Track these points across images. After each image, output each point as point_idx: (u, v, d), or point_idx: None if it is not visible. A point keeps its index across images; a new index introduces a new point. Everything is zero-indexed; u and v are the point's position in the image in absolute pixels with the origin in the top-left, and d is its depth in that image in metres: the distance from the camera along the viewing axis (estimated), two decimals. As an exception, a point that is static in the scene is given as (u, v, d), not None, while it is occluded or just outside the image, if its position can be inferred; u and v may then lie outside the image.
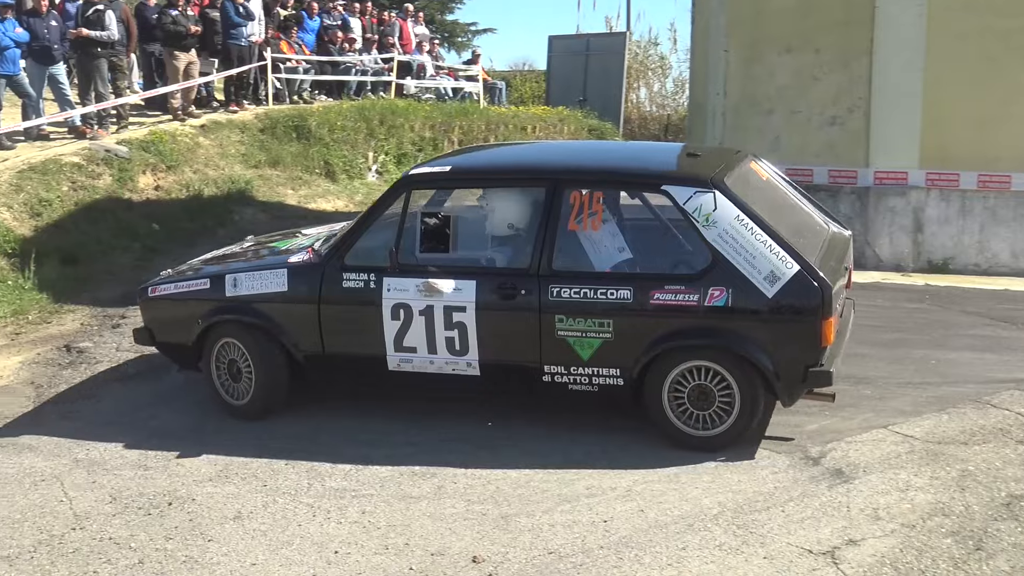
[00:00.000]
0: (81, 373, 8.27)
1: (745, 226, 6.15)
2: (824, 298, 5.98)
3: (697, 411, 6.30)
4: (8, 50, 13.39)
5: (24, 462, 6.56)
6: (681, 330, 6.21)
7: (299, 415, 7.10)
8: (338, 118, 17.45)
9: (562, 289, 6.35)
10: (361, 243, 6.90)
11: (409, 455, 6.38)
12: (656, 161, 7.48)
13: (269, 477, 6.17)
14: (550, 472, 6.07)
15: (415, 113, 19.06)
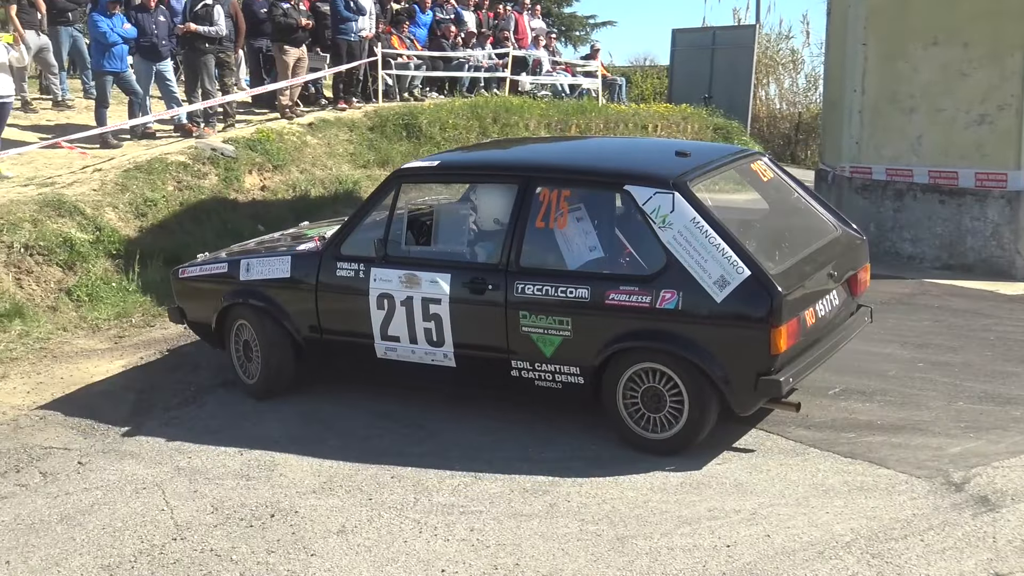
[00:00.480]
0: (184, 378, 8.46)
1: (700, 229, 6.33)
2: (774, 305, 6.10)
3: (650, 413, 6.54)
4: (116, 46, 13.80)
5: (125, 469, 6.74)
6: (634, 331, 6.46)
7: (408, 427, 7.16)
8: (450, 116, 17.56)
9: (526, 286, 6.71)
10: (355, 234, 7.48)
11: (521, 471, 6.39)
12: (632, 160, 7.67)
13: (374, 490, 6.22)
14: (669, 493, 6.02)
15: (530, 111, 19.09)
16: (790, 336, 6.24)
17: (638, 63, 36.87)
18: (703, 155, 7.31)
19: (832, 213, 7.52)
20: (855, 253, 7.31)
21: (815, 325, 6.63)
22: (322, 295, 7.52)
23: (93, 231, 11.04)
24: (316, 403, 7.71)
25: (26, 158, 13.06)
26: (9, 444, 7.26)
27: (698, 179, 6.73)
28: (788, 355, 6.31)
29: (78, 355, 9.11)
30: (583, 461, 6.49)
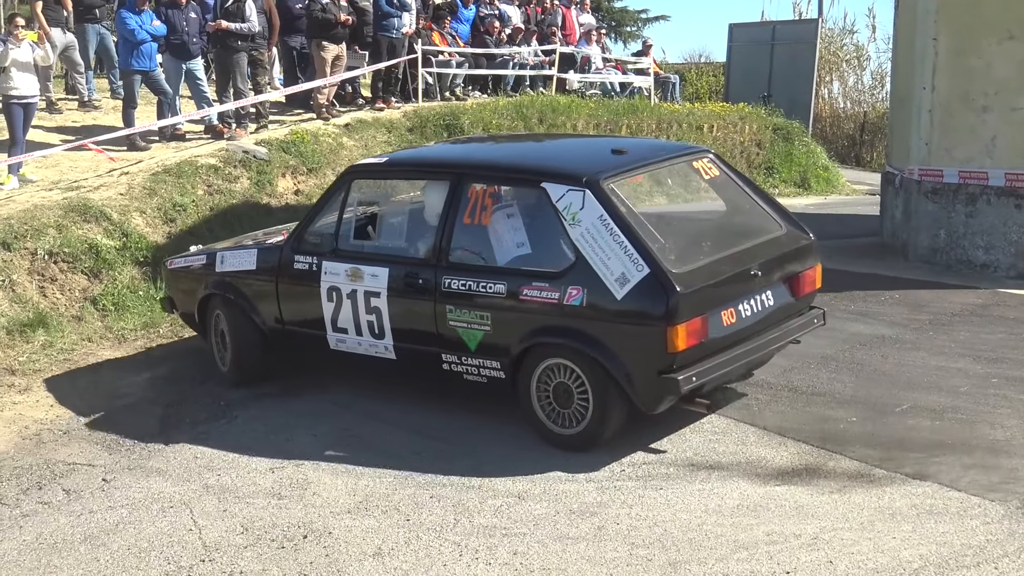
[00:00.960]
0: (213, 391, 8.53)
1: (606, 226, 6.71)
2: (670, 303, 6.42)
3: (560, 409, 6.96)
4: (144, 44, 13.90)
5: (152, 487, 6.78)
6: (545, 327, 6.89)
7: (448, 444, 7.16)
8: (493, 116, 17.57)
9: (452, 280, 7.21)
10: (310, 229, 8.13)
11: (568, 491, 6.37)
12: (558, 158, 8.14)
13: (412, 511, 6.23)
14: (725, 515, 5.97)
15: (578, 111, 19.07)
16: (691, 335, 6.54)
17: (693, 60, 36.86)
18: (639, 153, 7.73)
19: (779, 213, 7.76)
20: (799, 254, 7.55)
21: (736, 325, 6.92)
22: (282, 287, 8.18)
23: (120, 237, 11.14)
24: (352, 419, 7.74)
25: (51, 161, 13.19)
26: (31, 460, 7.33)
27: (615, 177, 7.09)
28: (691, 354, 6.60)
29: (103, 367, 9.19)
30: (634, 481, 6.47)
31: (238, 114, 14.89)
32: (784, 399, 7.73)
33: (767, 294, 7.19)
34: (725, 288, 6.85)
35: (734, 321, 6.91)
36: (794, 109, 23.78)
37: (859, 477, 6.40)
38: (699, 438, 7.06)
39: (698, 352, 6.65)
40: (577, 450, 6.87)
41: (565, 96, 20.20)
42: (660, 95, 23.91)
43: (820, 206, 18.30)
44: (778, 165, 21.03)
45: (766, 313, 7.19)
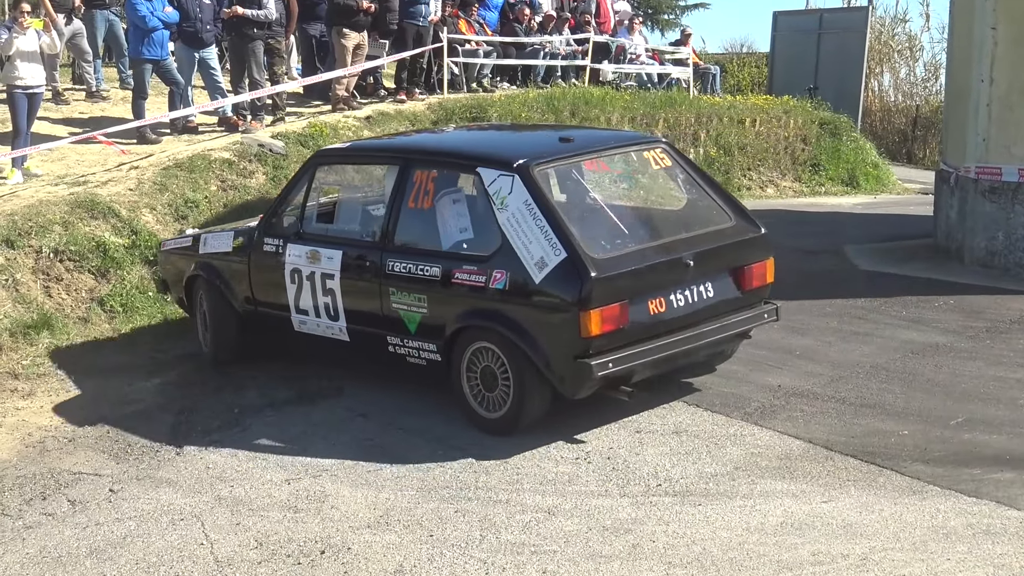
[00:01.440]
0: (226, 398, 8.57)
1: (531, 211, 7.21)
2: (584, 288, 6.87)
3: (487, 392, 7.46)
4: (156, 32, 13.95)
5: (161, 498, 6.80)
6: (473, 310, 7.42)
7: (474, 455, 7.16)
8: (523, 109, 17.58)
9: (395, 263, 7.79)
10: (279, 212, 8.85)
11: (601, 507, 6.36)
12: (500, 144, 8.86)
13: (436, 526, 6.23)
14: (768, 534, 5.95)
15: (612, 103, 19.06)
16: (607, 321, 6.94)
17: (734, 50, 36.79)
18: (584, 142, 8.29)
19: (730, 205, 8.14)
20: (746, 246, 7.91)
21: (665, 315, 7.33)
22: (253, 268, 8.87)
23: (129, 235, 11.20)
24: (372, 428, 7.76)
25: (57, 154, 13.28)
26: (35, 468, 7.37)
27: (548, 164, 7.64)
28: (609, 340, 7.01)
29: (111, 371, 9.24)
30: (671, 496, 6.45)
31: (254, 106, 14.93)
32: (831, 411, 7.70)
33: (706, 286, 7.56)
34: (652, 277, 7.27)
35: (663, 310, 7.32)
36: (842, 102, 23.67)
37: (911, 494, 6.36)
38: (740, 451, 7.04)
39: (617, 339, 7.07)
40: (499, 434, 7.36)
41: (599, 88, 20.19)
42: (699, 87, 23.87)
43: (869, 206, 18.23)
44: (825, 162, 20.94)
45: (704, 305, 7.56)
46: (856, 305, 10.43)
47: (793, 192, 20.00)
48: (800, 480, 6.57)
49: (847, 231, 14.85)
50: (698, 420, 7.60)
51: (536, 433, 7.34)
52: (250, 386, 8.75)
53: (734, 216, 8.02)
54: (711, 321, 7.61)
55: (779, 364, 8.69)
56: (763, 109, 21.42)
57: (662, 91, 21.62)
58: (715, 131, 19.94)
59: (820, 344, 9.22)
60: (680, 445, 7.12)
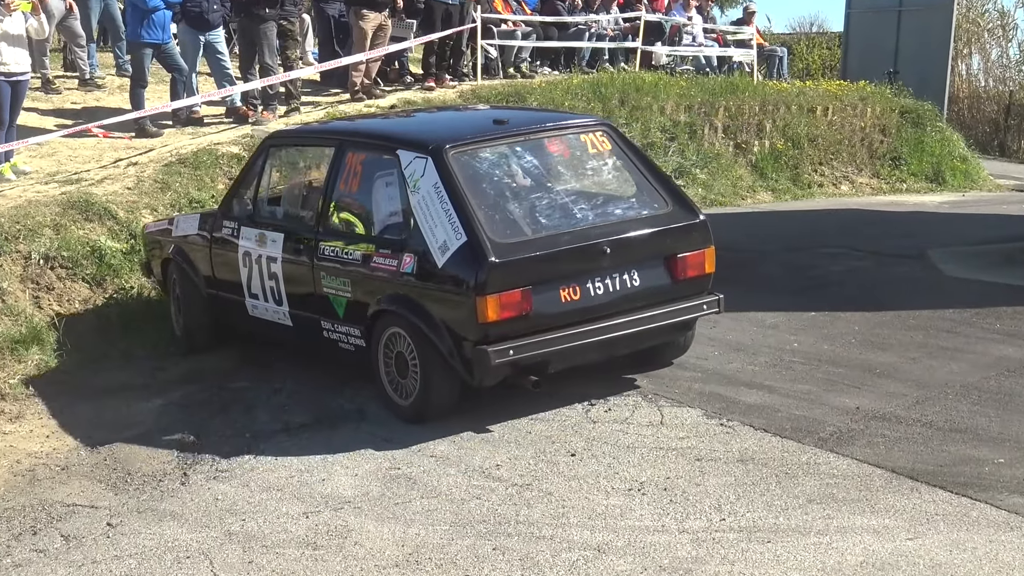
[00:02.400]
0: (236, 421, 8.59)
1: (439, 194, 7.82)
2: (481, 273, 7.50)
3: (400, 379, 8.17)
4: (156, 12, 14.04)
5: (165, 533, 6.83)
6: (388, 295, 8.09)
7: (514, 485, 7.16)
8: (566, 97, 17.60)
9: (325, 247, 8.54)
10: (235, 195, 9.72)
11: (657, 544, 6.34)
12: (427, 127, 9.50)
13: (472, 566, 6.23)
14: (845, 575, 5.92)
15: (666, 90, 19.05)
16: (506, 307, 7.55)
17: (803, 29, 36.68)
18: (517, 124, 8.75)
19: (668, 191, 8.65)
20: (679, 233, 8.38)
21: (579, 303, 7.89)
22: (213, 252, 9.73)
23: (127, 239, 11.27)
24: (399, 455, 7.76)
25: (47, 149, 13.38)
26: (24, 500, 7.42)
27: (465, 147, 8.21)
28: (510, 327, 7.63)
29: (108, 391, 9.29)
30: (735, 532, 6.43)
31: (265, 94, 15.00)
32: (916, 436, 7.66)
33: (631, 274, 8.10)
34: (563, 263, 7.83)
35: (577, 298, 7.89)
36: (925, 88, 23.59)
37: (1008, 530, 6.32)
38: (813, 481, 7.01)
39: (520, 326, 7.67)
40: (410, 421, 8.09)
41: (651, 73, 20.18)
42: (764, 72, 23.84)
43: (956, 204, 18.15)
44: (906, 155, 20.88)
45: (627, 294, 8.09)
46: (944, 317, 10.37)
47: (871, 189, 19.95)
48: (882, 514, 6.53)
49: (932, 233, 14.77)
50: (766, 446, 7.58)
51: (584, 461, 7.35)
52: (262, 407, 8.79)
53: (671, 202, 8.52)
54: (637, 311, 8.11)
55: (857, 383, 8.64)
56: (836, 96, 21.37)
57: (722, 76, 21.60)
58: (782, 121, 19.91)
59: (903, 361, 9.17)
60: (746, 475, 7.08)
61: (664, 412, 8.15)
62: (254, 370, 9.55)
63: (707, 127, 19.06)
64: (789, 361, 9.16)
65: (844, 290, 11.44)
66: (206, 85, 15.55)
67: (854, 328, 9.94)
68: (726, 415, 8.02)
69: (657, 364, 8.98)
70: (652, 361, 8.96)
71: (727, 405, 8.12)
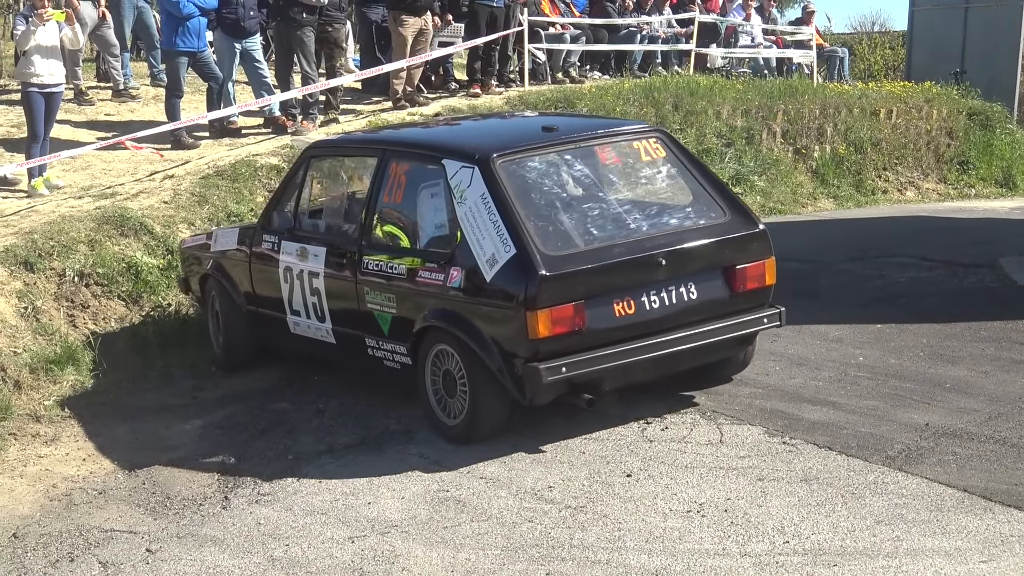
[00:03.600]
0: (279, 443, 8.63)
1: (486, 205, 7.81)
2: (531, 287, 7.43)
3: (448, 398, 8.15)
4: (191, 20, 14.12)
5: (207, 559, 6.87)
6: (434, 310, 8.06)
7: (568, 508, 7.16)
8: (617, 102, 17.60)
9: (369, 261, 8.52)
10: (276, 207, 9.70)
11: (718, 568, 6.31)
12: (475, 135, 9.40)
13: (524, 591, 6.23)
14: None
15: (722, 95, 19.02)
16: (558, 322, 7.49)
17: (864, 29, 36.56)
18: (567, 132, 8.71)
19: (727, 200, 8.57)
20: (740, 244, 8.33)
21: (635, 318, 7.84)
22: (253, 267, 9.75)
23: (164, 255, 11.35)
24: (447, 477, 7.77)
25: (80, 162, 13.48)
26: (61, 525, 7.48)
27: (514, 155, 8.21)
28: (563, 343, 7.58)
29: (145, 412, 9.35)
30: (800, 556, 6.41)
31: (304, 103, 15.06)
32: (990, 454, 7.61)
33: (688, 286, 8.06)
34: (616, 276, 7.79)
35: (632, 312, 7.84)
36: (994, 89, 23.46)
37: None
38: (881, 501, 6.97)
39: (573, 342, 7.62)
40: (458, 442, 8.07)
41: (706, 76, 20.16)
42: (824, 73, 23.77)
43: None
44: (974, 159, 20.76)
45: (685, 307, 8.05)
46: (1017, 328, 10.30)
47: (938, 195, 19.85)
48: (954, 536, 6.50)
49: (1004, 240, 14.66)
50: (831, 465, 7.54)
51: (641, 482, 7.34)
52: (305, 429, 8.83)
53: (729, 211, 8.44)
54: (695, 325, 8.07)
55: (926, 399, 8.60)
56: (900, 98, 21.28)
57: (781, 79, 21.55)
58: (844, 124, 19.85)
59: (975, 375, 9.11)
60: (810, 495, 7.05)
61: (724, 430, 8.12)
62: (295, 390, 9.60)
63: (765, 132, 19.02)
64: (854, 376, 9.12)
65: (911, 301, 11.38)
66: (243, 94, 15.63)
67: (922, 341, 9.88)
68: (789, 433, 8.00)
69: (716, 380, 8.94)
70: (711, 377, 8.91)
71: (790, 422, 8.10)
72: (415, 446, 8.29)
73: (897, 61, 30.22)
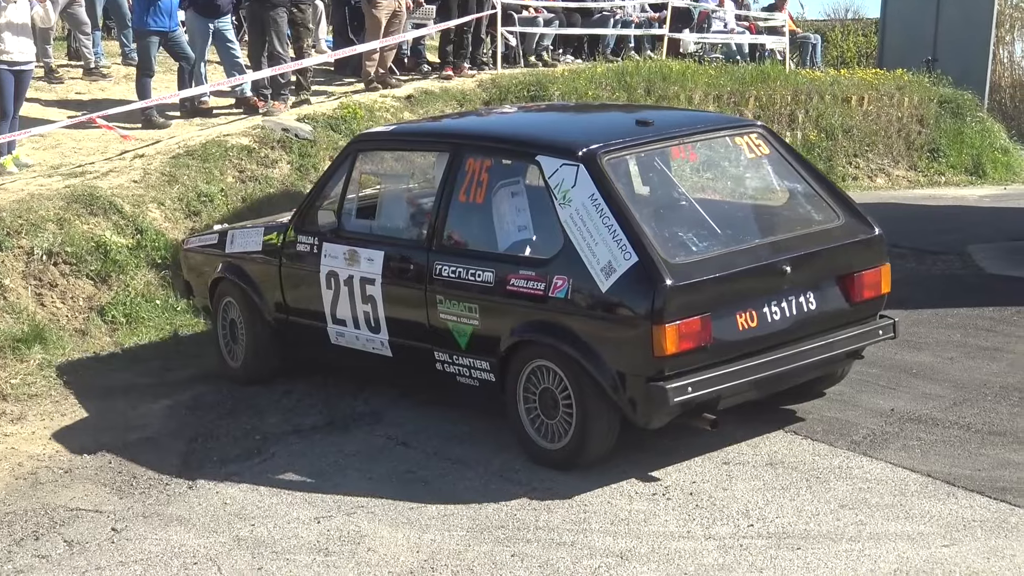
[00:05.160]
0: (246, 423, 8.64)
1: (597, 207, 7.12)
2: (658, 299, 6.76)
3: (546, 419, 7.39)
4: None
5: (172, 538, 6.86)
6: (531, 323, 7.36)
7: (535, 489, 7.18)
8: (589, 86, 17.59)
9: (443, 267, 7.76)
10: (314, 205, 8.80)
11: (683, 551, 6.35)
12: (565, 129, 8.72)
13: (489, 573, 6.24)
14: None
15: (694, 79, 19.02)
16: (685, 338, 6.84)
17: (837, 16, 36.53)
18: (666, 126, 8.11)
19: (838, 201, 8.00)
20: (857, 250, 7.79)
21: (757, 331, 7.24)
22: (284, 271, 8.95)
23: (133, 234, 11.30)
24: (414, 458, 7.79)
25: (50, 141, 13.42)
26: (26, 504, 7.46)
27: (619, 152, 7.55)
28: (688, 360, 6.93)
29: (113, 391, 9.33)
30: (764, 539, 6.43)
31: (276, 83, 14.99)
32: (953, 439, 7.65)
33: (807, 296, 7.47)
34: (741, 285, 7.18)
35: (755, 325, 7.23)
36: (966, 77, 23.51)
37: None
38: (846, 486, 7.01)
39: (699, 358, 6.99)
40: (560, 468, 7.32)
41: (678, 61, 20.16)
42: (797, 60, 23.80)
43: (999, 198, 18.11)
44: (945, 147, 20.83)
45: (805, 319, 7.46)
46: (983, 315, 10.36)
47: (908, 182, 19.90)
48: (917, 520, 6.54)
49: (972, 228, 14.73)
50: (796, 450, 7.58)
51: (606, 465, 7.35)
52: (273, 410, 8.83)
53: (842, 214, 7.88)
54: (814, 338, 7.51)
55: (892, 384, 8.65)
56: (872, 85, 21.33)
57: (753, 65, 21.57)
58: (815, 111, 19.90)
59: (940, 361, 9.16)
60: (776, 479, 7.10)
61: (690, 414, 8.14)
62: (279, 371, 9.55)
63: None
64: (821, 361, 9.14)
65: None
66: (215, 74, 15.57)
67: (889, 327, 9.92)
68: (754, 417, 8.01)
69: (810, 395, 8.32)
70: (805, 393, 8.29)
71: (755, 407, 8.12)
72: (382, 427, 8.31)
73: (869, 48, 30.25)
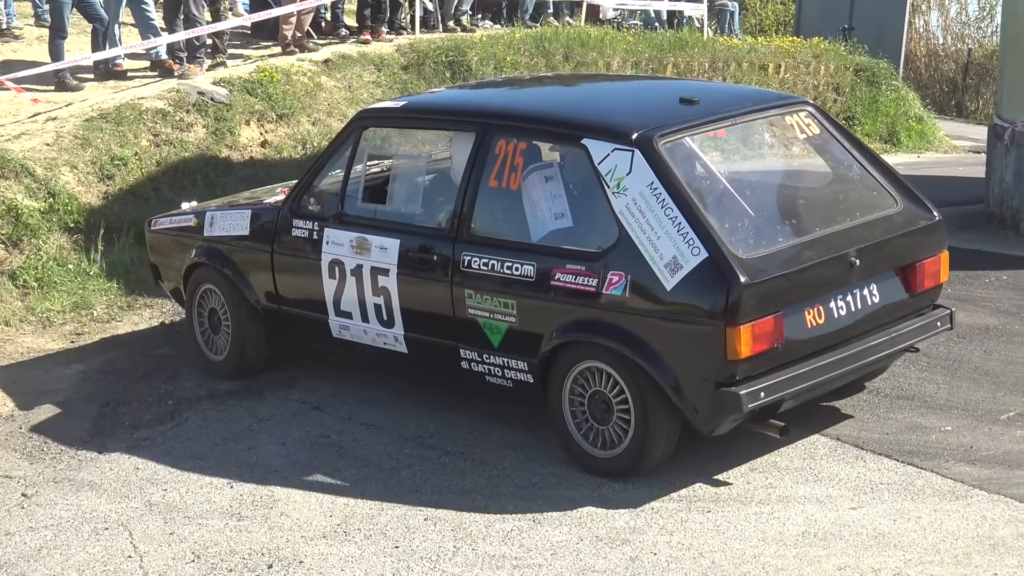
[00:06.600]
0: (159, 388, 8.61)
1: (658, 197, 6.58)
2: (732, 297, 6.28)
3: (597, 425, 6.86)
4: (77, -41, 13.90)
5: (83, 504, 6.83)
6: (580, 321, 6.81)
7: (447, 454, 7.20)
8: (507, 52, 17.56)
9: (473, 258, 7.17)
10: (313, 187, 8.14)
11: (594, 514, 6.40)
12: (608, 108, 7.91)
13: (402, 536, 6.27)
14: (787, 545, 6.00)
15: (612, 46, 19.03)
16: (759, 339, 6.38)
17: (756, -17, 36.68)
18: (714, 104, 7.53)
19: (895, 184, 7.56)
20: (918, 238, 7.37)
21: (825, 328, 6.79)
22: (278, 258, 8.25)
23: (45, 197, 11.17)
24: (329, 424, 7.79)
25: (-40, 103, 13.25)
26: (-65, 470, 7.39)
27: (675, 135, 6.96)
28: (760, 362, 6.46)
29: (23, 356, 9.25)
30: (675, 502, 6.50)
31: (191, 46, 14.86)
32: (862, 403, 7.73)
33: (871, 288, 7.03)
34: (811, 280, 6.72)
35: (822, 322, 6.77)
36: (881, 46, 23.68)
37: (954, 499, 6.41)
38: (756, 450, 7.07)
39: (770, 360, 6.52)
40: (616, 477, 6.81)
41: (597, 27, 20.17)
42: (715, 27, 23.86)
43: (911, 166, 18.26)
44: (860, 115, 20.97)
45: (869, 312, 7.03)
46: (894, 282, 10.45)
47: (823, 150, 20.01)
48: (825, 483, 6.62)
49: (885, 196, 14.84)
50: (708, 414, 7.62)
51: (519, 431, 7.38)
52: (186, 375, 8.79)
53: (900, 198, 7.44)
54: (876, 333, 7.10)
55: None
56: (789, 53, 21.42)
57: (671, 32, 21.62)
58: (732, 78, 19.92)
59: (851, 327, 9.24)
60: (685, 443, 7.02)
61: (604, 379, 8.18)
62: (177, 336, 9.52)
63: (654, 84, 19.06)
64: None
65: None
66: (130, 37, 15.40)
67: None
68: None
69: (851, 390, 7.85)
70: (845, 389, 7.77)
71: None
72: (296, 392, 8.30)
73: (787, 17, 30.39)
